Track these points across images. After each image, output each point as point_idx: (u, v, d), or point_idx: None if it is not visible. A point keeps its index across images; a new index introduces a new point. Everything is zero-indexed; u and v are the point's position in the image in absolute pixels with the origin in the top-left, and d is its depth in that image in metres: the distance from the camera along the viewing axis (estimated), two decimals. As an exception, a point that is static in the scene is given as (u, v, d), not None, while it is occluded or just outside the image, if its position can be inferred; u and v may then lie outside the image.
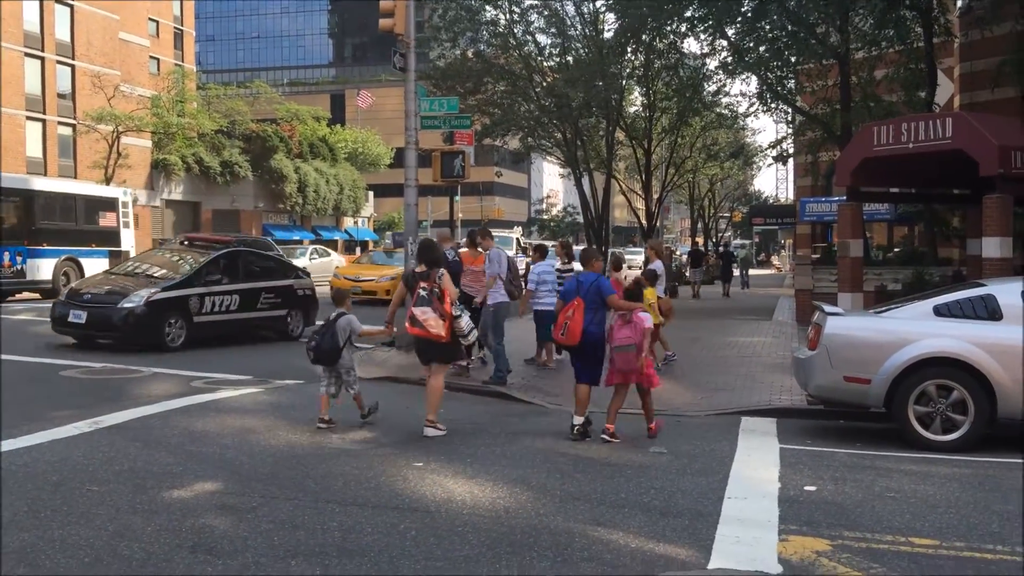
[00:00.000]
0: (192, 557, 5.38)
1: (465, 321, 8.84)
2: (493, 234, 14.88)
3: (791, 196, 60.09)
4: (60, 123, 47.16)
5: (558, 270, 14.47)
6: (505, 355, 12.27)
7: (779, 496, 6.84)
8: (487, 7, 25.96)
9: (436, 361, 8.95)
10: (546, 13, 26.57)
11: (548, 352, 13.88)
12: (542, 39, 27.44)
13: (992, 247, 13.01)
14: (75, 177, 47.61)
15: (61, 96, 47.50)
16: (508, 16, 26.32)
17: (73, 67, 48.11)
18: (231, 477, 7.21)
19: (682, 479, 7.38)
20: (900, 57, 21.10)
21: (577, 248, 15.45)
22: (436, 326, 8.52)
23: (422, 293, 8.67)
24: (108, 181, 43.63)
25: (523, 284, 13.92)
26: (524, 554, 5.49)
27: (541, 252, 14.41)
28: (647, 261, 15.47)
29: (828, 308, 9.78)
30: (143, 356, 14.33)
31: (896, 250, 27.55)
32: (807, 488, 7.11)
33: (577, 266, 13.36)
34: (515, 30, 26.53)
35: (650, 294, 12.90)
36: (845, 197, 16.21)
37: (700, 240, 54.40)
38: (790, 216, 43.23)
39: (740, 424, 9.79)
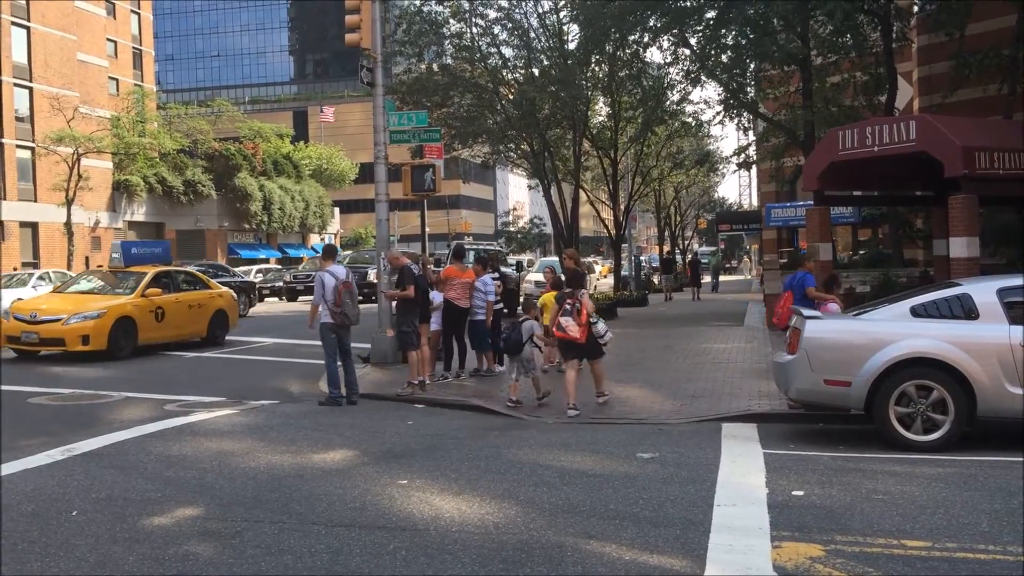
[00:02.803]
0: (178, 586, 5.25)
1: (600, 327, 11.06)
2: (466, 248, 14.78)
3: (755, 202, 60.64)
4: (19, 146, 46.49)
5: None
6: (336, 373, 11.93)
7: (768, 502, 6.81)
8: (451, 20, 25.97)
9: (587, 358, 11.32)
10: (510, 25, 26.60)
11: (488, 359, 14.30)
12: (507, 51, 27.47)
13: (959, 247, 13.12)
14: (35, 200, 46.93)
15: (19, 119, 46.82)
16: (472, 30, 26.33)
17: (31, 89, 47.47)
18: (212, 502, 7.06)
19: (670, 488, 7.34)
20: (859, 62, 21.32)
21: (545, 259, 15.67)
22: (575, 331, 10.90)
23: (567, 307, 11.02)
24: (69, 204, 43.03)
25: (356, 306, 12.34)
26: (517, 571, 5.41)
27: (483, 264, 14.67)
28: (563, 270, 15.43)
29: (806, 312, 9.81)
30: (112, 380, 14.08)
31: (861, 252, 27.79)
32: (795, 493, 7.10)
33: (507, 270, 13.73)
34: (480, 43, 26.54)
35: (549, 298, 13.66)
36: (812, 201, 16.31)
37: (668, 248, 54.89)
38: (755, 222, 43.63)
39: (722, 431, 9.77)
